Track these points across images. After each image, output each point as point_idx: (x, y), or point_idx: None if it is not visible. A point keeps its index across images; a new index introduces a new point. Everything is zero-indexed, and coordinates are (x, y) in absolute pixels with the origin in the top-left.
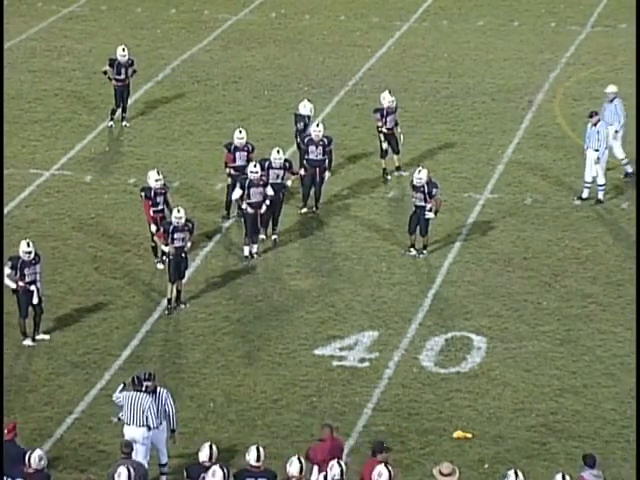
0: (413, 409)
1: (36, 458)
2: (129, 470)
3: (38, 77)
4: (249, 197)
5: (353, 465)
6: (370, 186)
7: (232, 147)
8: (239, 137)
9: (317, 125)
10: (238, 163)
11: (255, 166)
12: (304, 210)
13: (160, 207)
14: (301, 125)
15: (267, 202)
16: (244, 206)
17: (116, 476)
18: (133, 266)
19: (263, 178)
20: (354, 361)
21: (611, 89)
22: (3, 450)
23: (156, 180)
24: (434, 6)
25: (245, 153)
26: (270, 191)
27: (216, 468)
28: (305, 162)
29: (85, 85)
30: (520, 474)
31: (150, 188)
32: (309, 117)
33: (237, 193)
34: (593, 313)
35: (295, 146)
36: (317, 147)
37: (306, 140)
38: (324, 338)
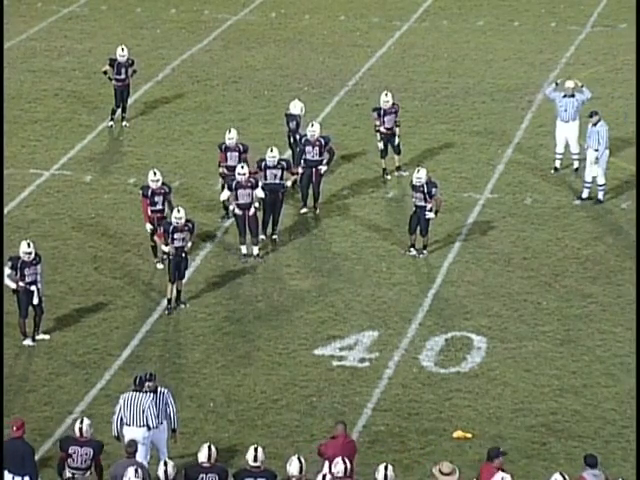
0: (413, 409)
1: (87, 427)
2: (137, 470)
3: (38, 77)
4: (237, 198)
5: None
6: (370, 186)
7: (223, 147)
8: (229, 137)
9: (312, 125)
10: (229, 163)
11: (242, 167)
12: (304, 210)
13: (159, 207)
14: (293, 125)
15: (255, 204)
16: (232, 207)
17: (125, 477)
18: (133, 266)
19: (251, 180)
20: (354, 361)
21: (569, 84)
22: (5, 448)
23: (152, 180)
24: (434, 6)
25: (236, 153)
26: (260, 193)
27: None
28: (303, 162)
29: (85, 85)
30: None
31: (149, 187)
32: (300, 116)
33: (225, 194)
34: (593, 313)
35: (289, 146)
36: (314, 147)
37: (303, 140)
38: (324, 338)
